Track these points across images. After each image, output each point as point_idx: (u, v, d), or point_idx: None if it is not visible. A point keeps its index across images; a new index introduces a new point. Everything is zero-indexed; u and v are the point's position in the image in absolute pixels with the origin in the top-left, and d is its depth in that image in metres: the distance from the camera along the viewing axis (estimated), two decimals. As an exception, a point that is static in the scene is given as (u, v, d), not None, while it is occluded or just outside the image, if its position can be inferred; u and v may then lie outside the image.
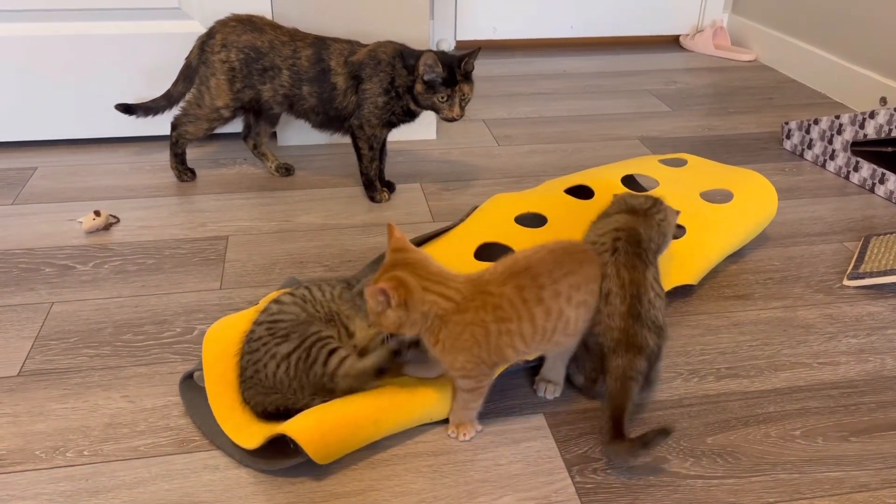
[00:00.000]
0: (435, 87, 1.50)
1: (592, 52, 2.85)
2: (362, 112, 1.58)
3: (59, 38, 1.79)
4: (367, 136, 1.61)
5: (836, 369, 1.19)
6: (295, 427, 0.96)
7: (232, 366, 1.08)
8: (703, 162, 1.63)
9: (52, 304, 1.31)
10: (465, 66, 1.50)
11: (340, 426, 0.98)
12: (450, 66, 1.50)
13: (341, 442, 0.98)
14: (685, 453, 1.03)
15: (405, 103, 1.57)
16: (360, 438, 1.00)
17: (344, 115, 1.62)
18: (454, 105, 1.52)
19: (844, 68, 2.32)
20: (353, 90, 1.58)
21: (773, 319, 1.31)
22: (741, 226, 1.44)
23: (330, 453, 0.97)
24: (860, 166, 1.78)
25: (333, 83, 1.59)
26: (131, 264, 1.43)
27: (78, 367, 1.16)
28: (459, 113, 1.53)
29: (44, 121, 1.87)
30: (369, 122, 1.58)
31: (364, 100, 1.57)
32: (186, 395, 1.08)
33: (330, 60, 1.59)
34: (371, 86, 1.56)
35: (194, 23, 1.82)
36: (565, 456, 1.02)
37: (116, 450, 1.01)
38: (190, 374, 1.11)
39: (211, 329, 1.13)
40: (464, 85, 1.51)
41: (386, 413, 1.01)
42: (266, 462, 0.98)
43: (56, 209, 1.62)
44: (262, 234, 1.55)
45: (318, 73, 1.59)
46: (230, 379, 1.07)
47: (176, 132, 1.71)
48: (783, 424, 1.08)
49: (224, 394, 1.06)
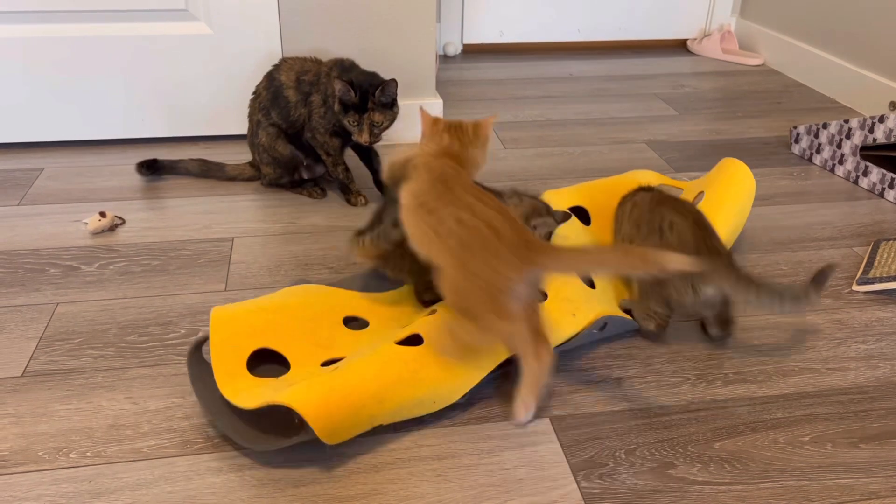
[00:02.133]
0: (346, 110, 1.54)
1: (599, 55, 2.84)
2: (312, 123, 1.62)
3: (65, 39, 1.79)
4: (320, 144, 1.64)
5: (845, 375, 1.18)
6: (299, 401, 0.95)
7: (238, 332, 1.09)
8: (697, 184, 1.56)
9: (56, 304, 1.30)
10: (378, 95, 1.52)
11: (345, 403, 0.97)
12: (364, 92, 1.52)
13: (347, 419, 0.97)
14: (693, 459, 1.02)
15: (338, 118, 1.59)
16: (365, 417, 0.99)
17: (302, 128, 1.65)
18: (363, 130, 1.55)
19: (853, 72, 2.31)
20: (303, 103, 1.62)
21: (782, 324, 1.30)
22: (721, 216, 1.39)
23: (336, 431, 0.96)
24: (869, 171, 1.77)
25: (287, 97, 1.63)
26: (136, 265, 1.43)
27: (82, 368, 1.15)
28: (367, 139, 1.56)
29: (50, 122, 1.87)
30: (318, 130, 1.62)
31: (311, 111, 1.61)
32: (193, 369, 1.09)
33: (281, 76, 1.63)
34: (315, 98, 1.60)
35: (201, 24, 1.82)
36: (571, 461, 1.01)
37: (119, 451, 1.00)
38: (199, 345, 1.12)
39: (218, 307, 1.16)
40: (374, 113, 1.54)
41: (390, 392, 1.01)
42: (267, 441, 0.98)
43: (62, 210, 1.62)
44: (267, 235, 1.55)
45: (273, 93, 1.64)
46: (237, 345, 1.09)
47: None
48: (792, 430, 1.07)
49: (228, 358, 1.07)
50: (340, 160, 1.67)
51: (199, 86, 1.89)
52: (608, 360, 1.20)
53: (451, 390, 1.06)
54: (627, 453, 1.02)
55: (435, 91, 2.02)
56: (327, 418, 0.95)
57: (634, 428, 1.07)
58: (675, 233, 1.18)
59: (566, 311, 1.17)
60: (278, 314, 1.17)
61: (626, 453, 1.02)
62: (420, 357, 1.05)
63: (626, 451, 1.03)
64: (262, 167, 1.71)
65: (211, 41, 1.84)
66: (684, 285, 1.15)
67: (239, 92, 1.86)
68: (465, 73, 2.62)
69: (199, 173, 1.76)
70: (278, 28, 1.84)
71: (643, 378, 1.16)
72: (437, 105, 2.00)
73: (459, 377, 1.07)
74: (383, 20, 1.86)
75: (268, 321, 1.15)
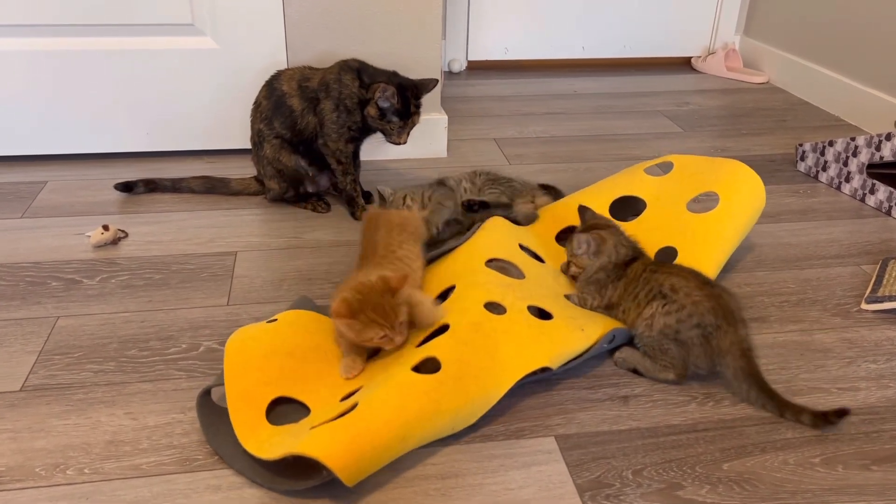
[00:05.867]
0: (387, 116, 1.54)
1: (604, 73, 2.84)
2: (324, 130, 1.60)
3: (70, 53, 1.79)
4: (332, 151, 1.62)
5: (855, 395, 1.16)
6: (325, 452, 0.92)
7: (255, 381, 1.06)
8: (687, 162, 1.55)
9: (57, 318, 1.29)
10: (420, 99, 1.54)
11: (370, 449, 0.94)
12: (405, 98, 1.53)
13: (371, 462, 0.95)
14: (701, 480, 1.00)
15: (357, 119, 1.58)
16: (387, 457, 0.97)
17: (310, 137, 1.64)
18: (403, 134, 1.56)
19: (858, 90, 2.31)
20: (311, 111, 1.61)
21: (790, 343, 1.28)
22: (731, 229, 1.39)
23: (358, 475, 0.94)
24: (876, 189, 1.76)
25: (290, 106, 1.62)
26: (138, 279, 1.42)
27: (81, 382, 1.14)
28: (405, 140, 1.58)
29: (55, 135, 1.87)
30: (330, 137, 1.61)
31: (323, 118, 1.60)
32: (203, 415, 1.05)
33: (282, 86, 1.63)
34: (325, 105, 1.59)
35: (207, 39, 1.82)
36: (577, 481, 0.99)
37: (118, 468, 0.99)
38: (207, 392, 1.08)
39: (231, 342, 1.12)
40: (416, 116, 1.55)
41: (413, 429, 0.98)
42: (291, 482, 0.96)
43: (65, 223, 1.61)
44: (270, 250, 1.54)
45: (275, 103, 1.63)
46: (254, 395, 1.05)
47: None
48: (802, 451, 1.05)
49: (246, 410, 1.03)
50: (351, 169, 1.65)
51: (204, 100, 1.89)
52: (614, 377, 1.19)
53: (470, 413, 1.04)
54: (634, 473, 1.00)
55: (440, 107, 2.02)
56: (354, 466, 0.92)
57: (641, 447, 1.05)
58: (679, 292, 1.15)
59: (575, 327, 1.16)
60: (291, 359, 1.13)
61: (633, 473, 1.00)
62: (440, 386, 1.02)
63: (633, 472, 1.01)
64: (266, 181, 1.71)
65: (217, 55, 1.84)
66: (708, 363, 1.14)
67: (244, 106, 1.85)
68: (469, 90, 2.62)
69: (204, 191, 1.76)
70: (284, 43, 1.84)
71: (650, 397, 1.15)
72: (443, 121, 2.00)
73: (479, 401, 1.04)
74: (389, 35, 1.86)
75: (282, 367, 1.11)
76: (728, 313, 1.13)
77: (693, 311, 1.12)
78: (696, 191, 1.45)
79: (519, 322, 1.14)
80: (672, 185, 1.49)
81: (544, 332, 1.14)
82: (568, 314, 1.18)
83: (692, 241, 1.35)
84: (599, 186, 1.57)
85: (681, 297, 1.14)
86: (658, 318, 1.14)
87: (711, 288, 1.16)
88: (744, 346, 1.11)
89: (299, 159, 1.66)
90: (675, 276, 1.18)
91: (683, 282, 1.16)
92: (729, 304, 1.14)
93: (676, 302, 1.14)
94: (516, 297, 1.18)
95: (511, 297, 1.17)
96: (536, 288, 1.24)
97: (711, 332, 1.12)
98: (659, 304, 1.15)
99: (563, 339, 1.13)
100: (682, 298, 1.14)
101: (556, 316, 1.17)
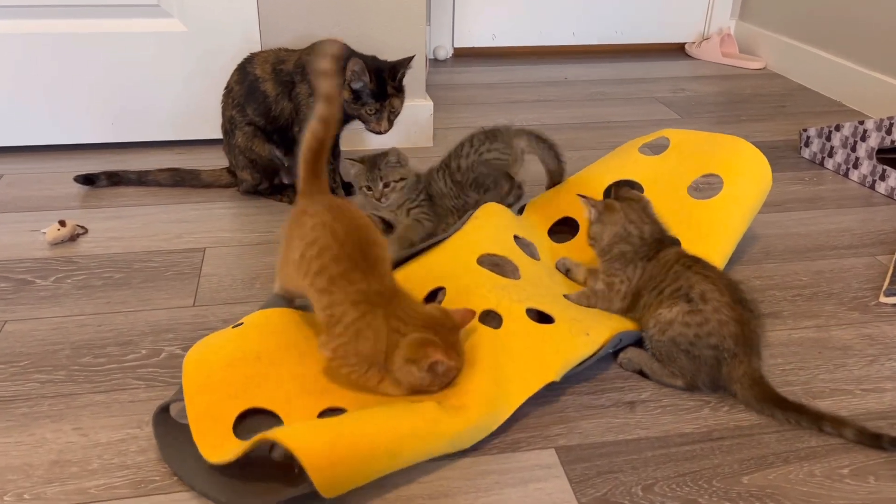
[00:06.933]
0: (362, 98, 1.40)
1: (595, 59, 2.74)
2: (300, 116, 1.48)
3: (27, 36, 1.66)
4: None
5: (881, 397, 1.06)
6: (301, 446, 0.80)
7: (218, 395, 0.94)
8: (685, 138, 1.45)
9: (4, 322, 1.17)
10: (398, 77, 1.40)
11: (353, 455, 0.83)
12: (380, 76, 1.39)
13: (352, 472, 0.83)
14: (718, 495, 0.89)
15: None
16: (372, 471, 0.86)
17: (285, 124, 1.51)
18: (382, 119, 1.43)
19: (860, 74, 2.21)
20: (286, 96, 1.48)
21: (806, 340, 1.18)
22: (738, 216, 1.29)
23: (337, 485, 0.82)
24: (887, 175, 1.66)
25: (264, 91, 1.50)
26: (97, 279, 1.30)
27: (26, 394, 1.02)
28: (387, 127, 1.44)
29: (11, 125, 1.74)
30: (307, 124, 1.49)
31: (299, 104, 1.48)
32: (161, 432, 0.93)
33: (255, 70, 1.51)
34: (301, 88, 1.47)
35: (174, 21, 1.70)
36: (581, 499, 0.88)
37: (62, 493, 0.87)
38: (165, 408, 0.96)
39: (190, 354, 1.00)
40: (394, 99, 1.42)
41: (404, 445, 0.87)
42: (258, 498, 0.85)
43: (20, 219, 1.49)
44: (242, 245, 1.42)
45: (248, 88, 1.51)
46: (218, 412, 0.93)
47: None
48: (829, 461, 0.95)
49: (211, 427, 0.91)
50: (330, 159, 1.53)
51: (172, 87, 1.76)
52: (618, 381, 1.08)
53: (472, 437, 0.94)
54: (645, 489, 0.90)
55: (425, 93, 1.91)
56: (331, 470, 0.81)
57: (651, 460, 0.94)
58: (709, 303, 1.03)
59: (579, 332, 1.05)
60: (258, 364, 1.00)
61: (643, 489, 0.90)
62: (438, 406, 0.92)
63: (643, 487, 0.90)
64: (238, 172, 1.59)
65: (185, 39, 1.72)
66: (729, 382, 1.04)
67: (215, 93, 1.73)
68: (456, 77, 2.51)
69: (172, 184, 1.63)
70: (257, 25, 1.72)
71: (658, 402, 1.04)
72: (428, 107, 1.89)
73: (482, 425, 0.94)
74: (370, 24, 1.76)
75: (248, 375, 0.98)
76: (749, 344, 1.02)
77: (715, 330, 1.01)
78: (697, 172, 1.35)
79: (518, 333, 1.03)
80: (670, 167, 1.39)
81: (547, 342, 1.03)
82: (570, 316, 1.08)
83: (697, 232, 1.25)
84: (589, 171, 1.47)
85: (708, 311, 1.02)
86: (676, 326, 1.03)
87: (742, 310, 1.03)
88: (755, 377, 1.02)
89: (273, 148, 1.54)
90: (709, 282, 1.05)
91: (717, 294, 1.03)
92: (753, 335, 1.03)
93: (702, 314, 1.02)
94: (513, 301, 1.07)
95: (507, 301, 1.07)
96: (534, 288, 1.13)
97: (726, 358, 1.01)
98: (682, 309, 1.04)
99: (568, 347, 1.02)
100: (708, 312, 1.02)
101: (557, 319, 1.06)
